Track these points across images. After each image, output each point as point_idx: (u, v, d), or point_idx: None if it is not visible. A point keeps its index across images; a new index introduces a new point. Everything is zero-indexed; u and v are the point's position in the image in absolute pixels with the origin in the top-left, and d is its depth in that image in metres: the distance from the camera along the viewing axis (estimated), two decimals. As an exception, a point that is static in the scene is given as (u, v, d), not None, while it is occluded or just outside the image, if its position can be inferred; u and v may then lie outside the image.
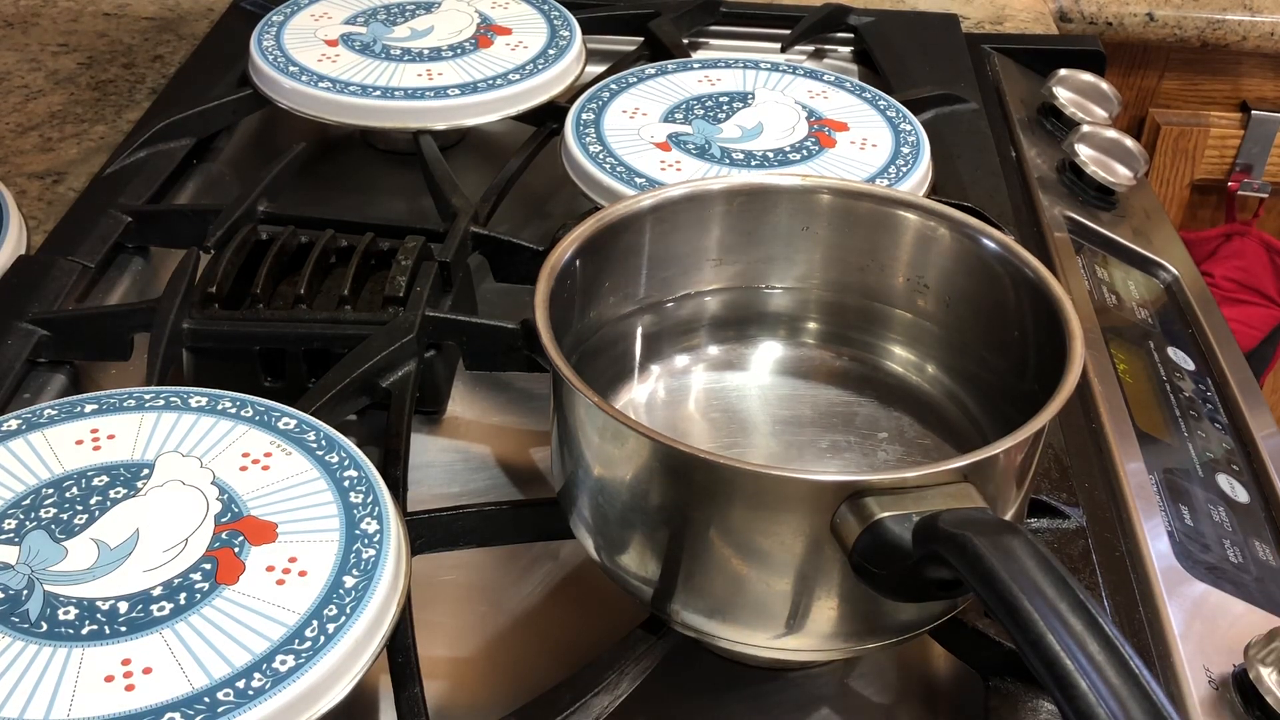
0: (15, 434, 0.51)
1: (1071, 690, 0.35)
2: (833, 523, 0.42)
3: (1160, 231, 0.83)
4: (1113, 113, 0.92)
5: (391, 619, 0.45)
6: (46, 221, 0.77)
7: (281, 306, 0.63)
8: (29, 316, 0.65)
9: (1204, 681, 0.50)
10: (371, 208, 0.82)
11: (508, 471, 0.63)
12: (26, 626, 0.43)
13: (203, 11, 1.04)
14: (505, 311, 0.66)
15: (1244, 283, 1.25)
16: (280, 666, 0.42)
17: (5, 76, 0.94)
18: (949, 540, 0.39)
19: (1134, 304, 0.75)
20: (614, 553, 0.48)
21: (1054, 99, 0.92)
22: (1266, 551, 0.58)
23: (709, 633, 0.47)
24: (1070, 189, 0.84)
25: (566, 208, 0.78)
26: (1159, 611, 0.53)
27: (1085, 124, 0.87)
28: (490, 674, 0.53)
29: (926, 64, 0.94)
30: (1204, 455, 0.63)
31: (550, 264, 0.51)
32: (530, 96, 0.81)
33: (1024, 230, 0.78)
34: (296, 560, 0.46)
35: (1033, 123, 0.91)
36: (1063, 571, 0.37)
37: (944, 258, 0.56)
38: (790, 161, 0.73)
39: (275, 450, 0.51)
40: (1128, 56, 1.20)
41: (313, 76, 0.80)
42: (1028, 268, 0.52)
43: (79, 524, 0.47)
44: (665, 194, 0.56)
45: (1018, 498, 0.47)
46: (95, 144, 0.86)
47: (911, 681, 0.53)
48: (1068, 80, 0.93)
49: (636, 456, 0.45)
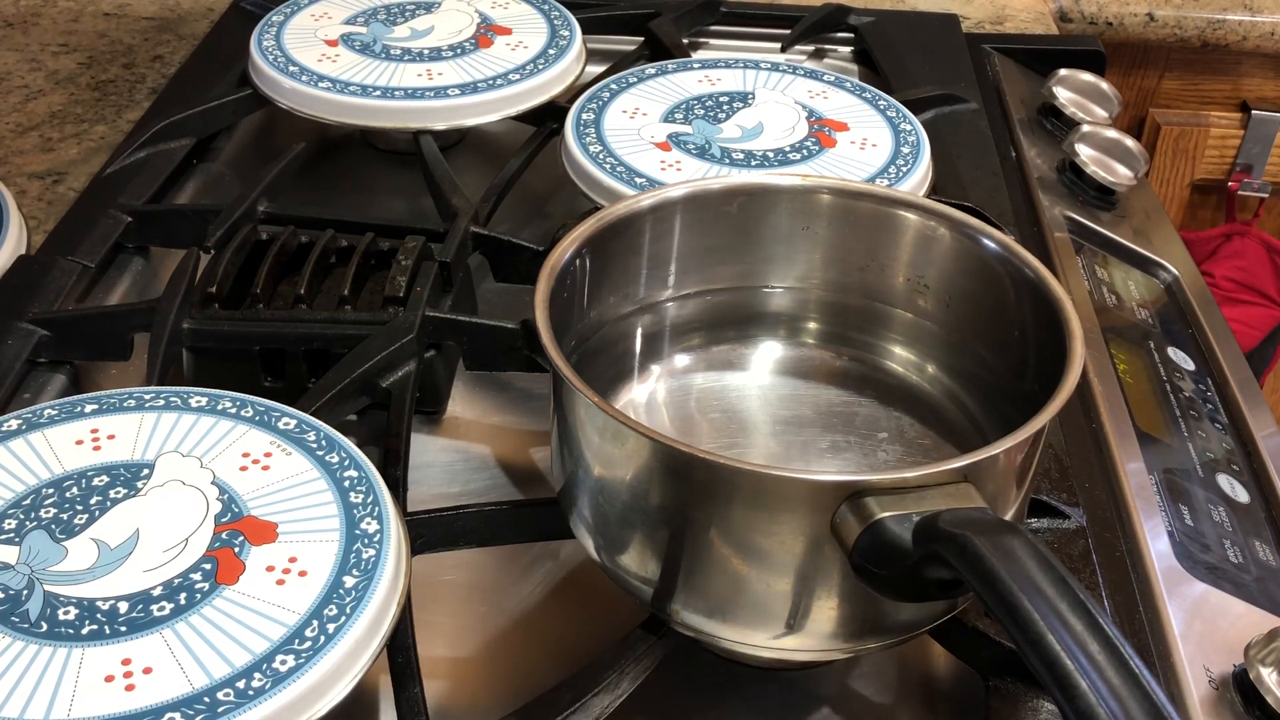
0: (15, 434, 0.51)
1: (1072, 690, 0.35)
2: (833, 523, 0.42)
3: (1160, 231, 0.83)
4: (1113, 113, 0.92)
5: (391, 619, 0.45)
6: (46, 221, 0.77)
7: (281, 306, 0.63)
8: (29, 316, 0.65)
9: (1204, 681, 0.50)
10: (371, 208, 0.82)
11: (508, 471, 0.63)
12: (26, 626, 0.43)
13: (203, 11, 1.04)
14: (505, 311, 0.66)
15: (1244, 283, 1.25)
16: (280, 666, 0.42)
17: (5, 76, 0.94)
18: (949, 540, 0.39)
19: (1134, 304, 0.75)
20: (614, 553, 0.48)
21: (1054, 99, 0.92)
22: (1266, 551, 0.58)
23: (709, 633, 0.47)
24: (1070, 189, 0.84)
25: (566, 208, 0.78)
26: (1159, 611, 0.53)
27: (1085, 124, 0.87)
28: (490, 674, 0.53)
29: (926, 64, 0.94)
30: (1204, 455, 0.63)
31: (550, 264, 0.51)
32: (530, 96, 0.81)
33: (1024, 230, 0.78)
34: (296, 560, 0.46)
35: (1033, 123, 0.91)
36: (1063, 571, 0.38)
37: (944, 258, 0.56)
38: (790, 161, 0.73)
39: (275, 450, 0.51)
40: (1128, 56, 1.20)
41: (313, 76, 0.80)
42: (1028, 268, 0.52)
43: (79, 524, 0.47)
44: (665, 194, 0.56)
45: (1018, 498, 0.47)
46: (95, 144, 0.86)
47: (911, 681, 0.53)
48: (1068, 80, 0.93)
49: (636, 456, 0.45)
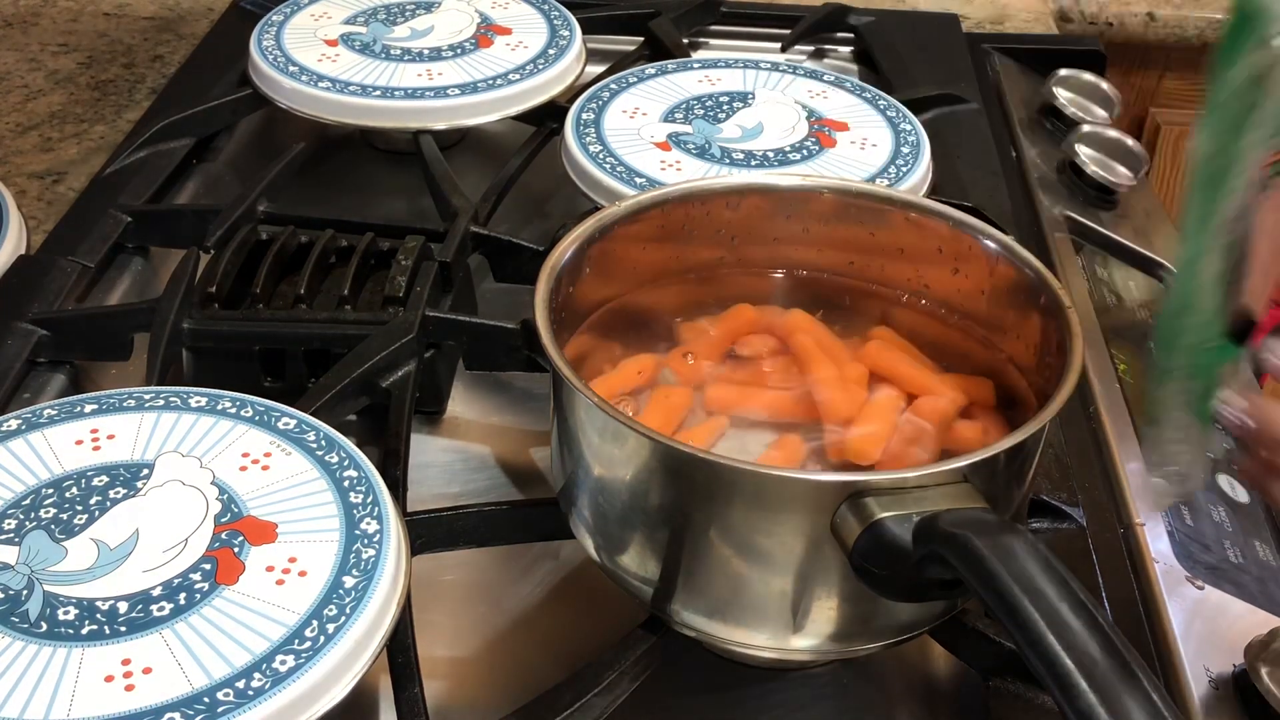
0: (15, 434, 0.51)
1: (1071, 690, 0.35)
2: (833, 523, 0.42)
3: (1160, 231, 0.83)
4: (1113, 113, 0.92)
5: (391, 619, 0.45)
6: (46, 221, 0.77)
7: (281, 306, 0.63)
8: (29, 316, 0.65)
9: (1204, 681, 0.50)
10: (371, 208, 0.82)
11: (508, 471, 0.63)
12: (26, 626, 0.43)
13: (203, 11, 1.04)
14: (505, 311, 0.66)
15: (1244, 283, 1.24)
16: (280, 666, 0.42)
17: (5, 76, 0.94)
18: (949, 540, 0.39)
19: (1134, 304, 0.75)
20: (614, 553, 0.48)
21: (1054, 99, 0.92)
22: (1266, 551, 0.58)
23: (709, 633, 0.47)
24: (1070, 189, 0.84)
25: (566, 208, 0.78)
26: (1159, 611, 0.53)
27: (1085, 124, 0.87)
28: (490, 674, 0.53)
29: (926, 64, 0.94)
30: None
31: (550, 264, 0.51)
32: (530, 96, 0.81)
33: (1024, 230, 0.78)
34: (296, 560, 0.46)
35: (1033, 123, 0.91)
36: (1063, 571, 0.37)
37: (944, 258, 0.56)
38: (790, 161, 0.73)
39: (275, 450, 0.51)
40: (1128, 56, 1.20)
41: (313, 76, 0.80)
42: (1028, 268, 0.52)
43: (79, 524, 0.47)
44: (665, 194, 0.56)
45: (1018, 498, 0.47)
46: (95, 144, 0.86)
47: (911, 681, 0.53)
48: (1068, 80, 0.93)
49: (636, 456, 0.45)
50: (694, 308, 0.58)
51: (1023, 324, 0.53)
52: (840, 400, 0.52)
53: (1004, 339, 0.54)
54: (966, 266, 0.55)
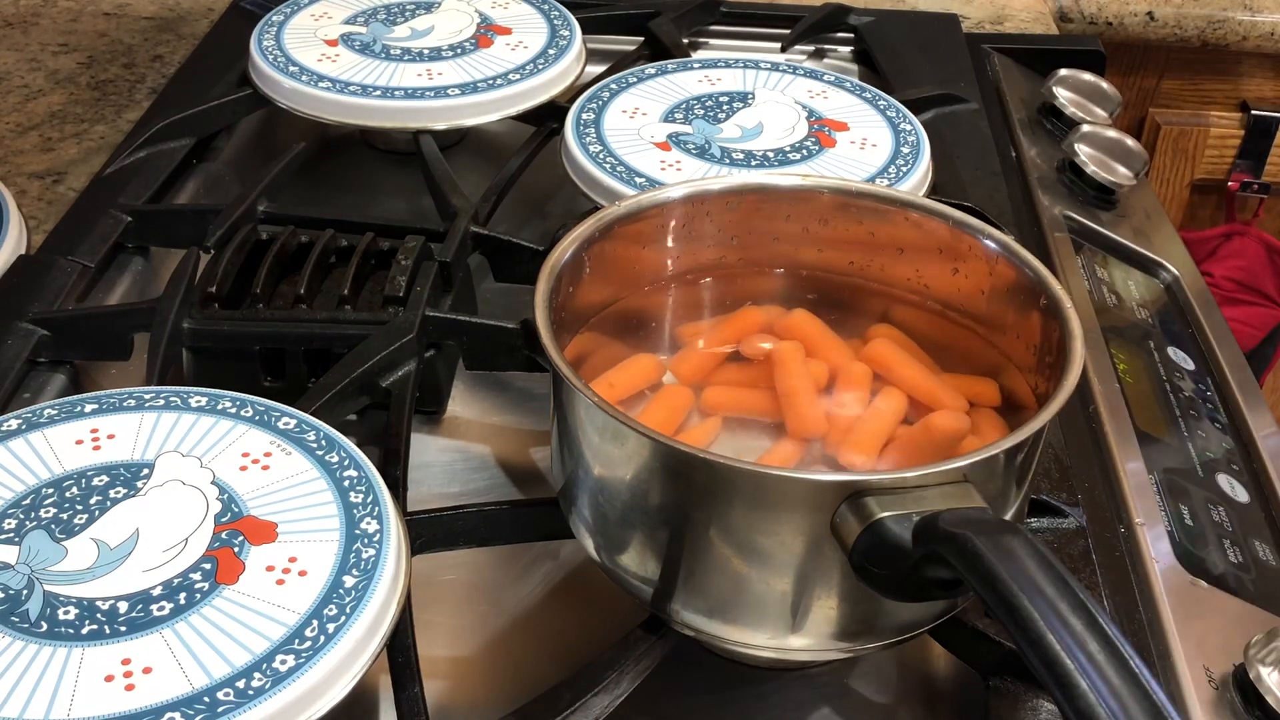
0: (15, 434, 0.51)
1: (1072, 690, 0.35)
2: (833, 522, 0.42)
3: (1160, 231, 0.83)
4: (1113, 112, 0.92)
5: (391, 619, 0.45)
6: (46, 221, 0.77)
7: (281, 306, 0.63)
8: (29, 316, 0.65)
9: (1204, 681, 0.50)
10: (371, 208, 0.82)
11: (508, 471, 0.63)
12: (26, 626, 0.43)
13: (203, 11, 1.04)
14: (505, 311, 0.66)
15: (1244, 283, 1.25)
16: (280, 666, 0.42)
17: (5, 76, 0.94)
18: (949, 540, 0.39)
19: (1134, 304, 0.75)
20: (614, 553, 0.48)
21: (1054, 99, 0.92)
22: (1266, 551, 0.58)
23: (709, 633, 0.47)
24: (1070, 189, 0.84)
25: (566, 208, 0.78)
26: (1159, 611, 0.53)
27: (1085, 124, 0.87)
28: (490, 674, 0.53)
29: (926, 64, 0.94)
30: (1204, 455, 0.63)
31: (550, 264, 0.51)
32: (530, 96, 0.81)
33: (1024, 230, 0.78)
34: (296, 560, 0.46)
35: (1033, 123, 0.91)
36: (1063, 571, 0.38)
37: (943, 258, 0.56)
38: (790, 161, 0.73)
39: (275, 450, 0.51)
40: (1128, 56, 1.20)
41: (313, 76, 0.80)
42: (1028, 268, 0.52)
43: (79, 524, 0.47)
44: (665, 194, 0.56)
45: (1018, 498, 0.47)
46: (95, 144, 0.86)
47: (911, 681, 0.53)
48: (1068, 80, 0.93)
49: (636, 456, 0.45)
50: (694, 308, 0.58)
51: (1023, 324, 0.53)
52: (810, 418, 0.52)
53: (1004, 339, 0.54)
54: (966, 266, 0.55)
